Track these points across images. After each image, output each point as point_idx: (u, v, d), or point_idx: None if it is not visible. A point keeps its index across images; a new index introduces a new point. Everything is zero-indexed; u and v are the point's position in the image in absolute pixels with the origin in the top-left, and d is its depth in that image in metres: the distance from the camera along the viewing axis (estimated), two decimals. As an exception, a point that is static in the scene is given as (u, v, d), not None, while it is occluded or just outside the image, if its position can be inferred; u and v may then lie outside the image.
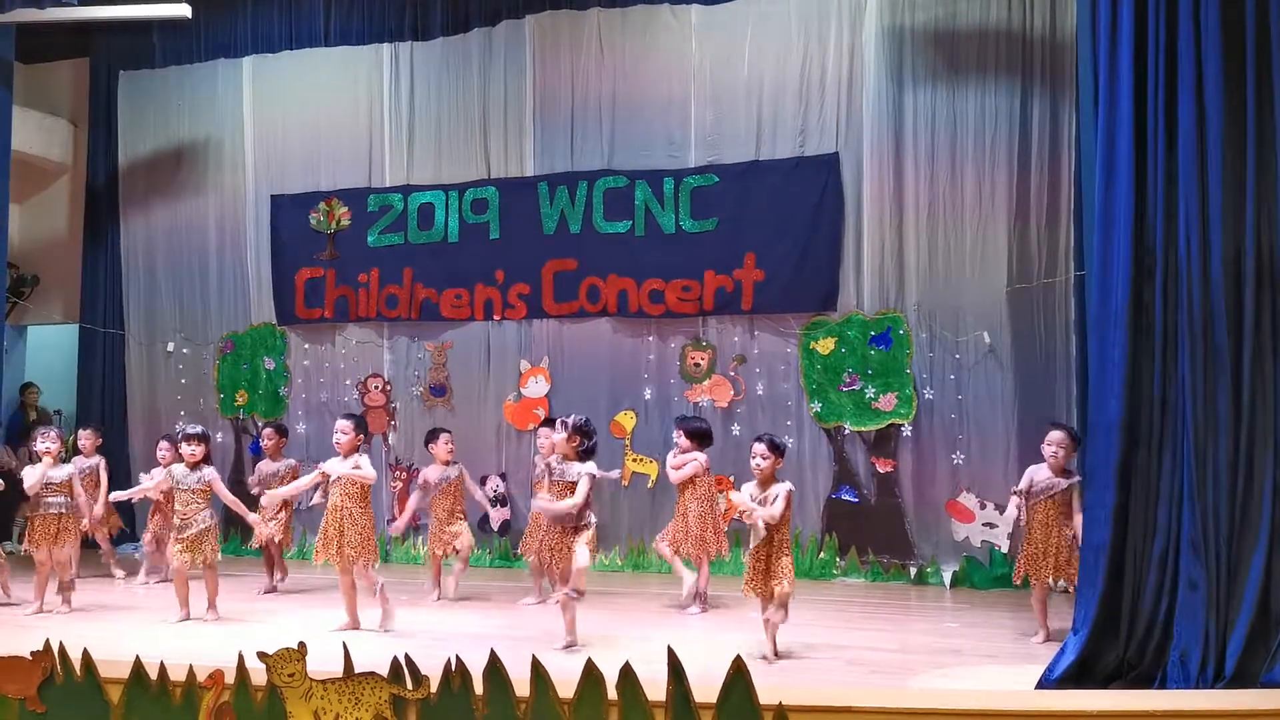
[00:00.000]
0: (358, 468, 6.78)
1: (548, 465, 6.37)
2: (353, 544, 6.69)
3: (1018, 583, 6.75)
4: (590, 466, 6.16)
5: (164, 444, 8.65)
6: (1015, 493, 6.54)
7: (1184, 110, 4.99)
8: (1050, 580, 6.36)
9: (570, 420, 6.26)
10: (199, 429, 7.50)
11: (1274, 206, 4.88)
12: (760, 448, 5.94)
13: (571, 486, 6.12)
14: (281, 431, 8.89)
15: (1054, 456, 6.37)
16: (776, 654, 5.76)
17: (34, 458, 7.77)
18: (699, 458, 7.42)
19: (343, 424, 6.91)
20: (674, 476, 7.49)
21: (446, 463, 7.97)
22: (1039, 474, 6.43)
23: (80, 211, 11.33)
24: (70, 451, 8.75)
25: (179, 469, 7.27)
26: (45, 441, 7.58)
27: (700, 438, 7.55)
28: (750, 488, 5.92)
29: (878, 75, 8.71)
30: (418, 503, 7.99)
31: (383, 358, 10.15)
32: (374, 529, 6.88)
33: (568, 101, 9.56)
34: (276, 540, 8.10)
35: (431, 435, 8.16)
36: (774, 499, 5.76)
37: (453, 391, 9.85)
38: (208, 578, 7.18)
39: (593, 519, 6.17)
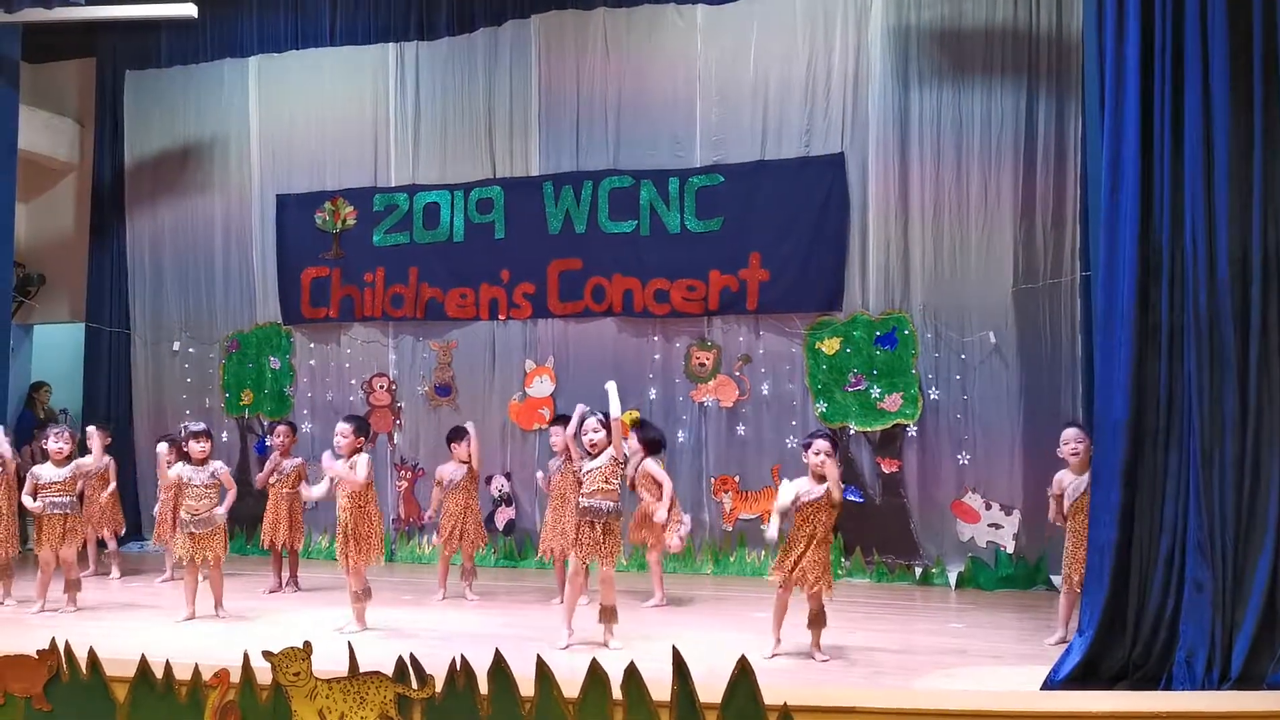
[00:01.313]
0: (353, 467, 6.77)
1: (575, 468, 6.35)
2: (352, 545, 6.69)
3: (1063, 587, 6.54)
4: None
5: (163, 445, 8.66)
6: (1053, 497, 6.40)
7: (1190, 110, 4.98)
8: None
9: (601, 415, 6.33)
10: (201, 425, 7.51)
11: (1280, 206, 4.88)
12: (824, 444, 5.92)
13: (607, 477, 6.19)
14: (294, 430, 8.87)
15: (1074, 455, 6.25)
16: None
17: (34, 456, 7.79)
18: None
19: (342, 427, 6.91)
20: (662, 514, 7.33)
21: (463, 461, 7.97)
22: (1066, 478, 6.32)
23: (86, 211, 11.36)
24: (78, 451, 8.76)
25: (186, 468, 7.28)
26: (59, 441, 7.60)
27: (649, 446, 7.47)
28: (803, 482, 5.96)
29: (883, 75, 8.70)
30: (437, 498, 8.01)
31: (388, 357, 10.15)
32: (376, 530, 6.84)
33: (573, 101, 9.56)
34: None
35: (456, 433, 8.08)
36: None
37: (458, 391, 9.86)
38: (213, 577, 7.20)
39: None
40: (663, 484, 7.24)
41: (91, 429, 8.88)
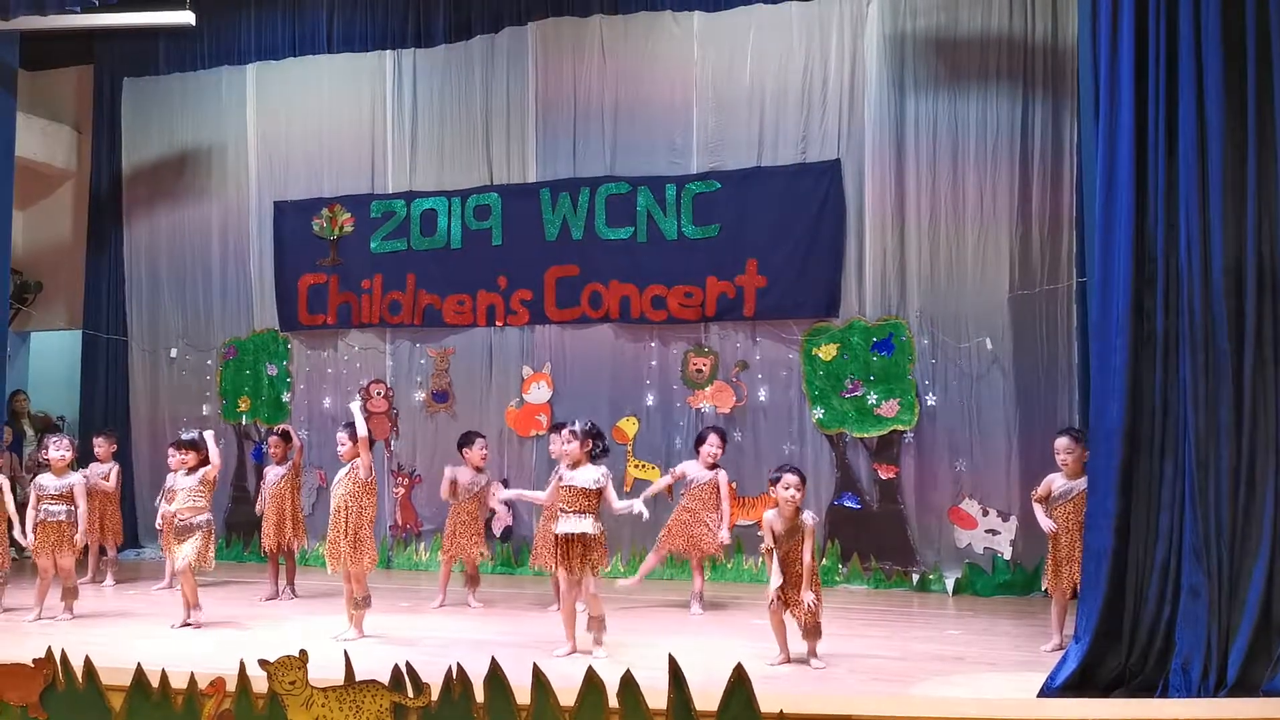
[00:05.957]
0: (355, 469, 6.77)
1: (558, 474, 6.34)
2: (348, 548, 6.67)
3: (1048, 589, 6.49)
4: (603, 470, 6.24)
5: (173, 450, 8.68)
6: (1036, 500, 6.46)
7: (1184, 117, 4.99)
8: (1074, 587, 6.04)
9: (578, 426, 6.26)
10: (189, 437, 7.50)
11: (1275, 213, 4.87)
12: (794, 479, 5.90)
13: (586, 493, 6.10)
14: (285, 437, 8.85)
15: (1064, 464, 6.32)
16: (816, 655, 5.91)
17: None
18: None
19: (341, 435, 6.90)
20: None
21: (478, 468, 7.98)
22: (1055, 481, 6.37)
23: (84, 218, 11.34)
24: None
25: (179, 473, 7.32)
26: (58, 450, 7.59)
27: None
28: (773, 515, 5.97)
29: (879, 82, 8.71)
30: (449, 478, 7.98)
31: (385, 364, 10.15)
32: (370, 533, 6.80)
33: (570, 108, 9.56)
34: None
35: (466, 439, 8.11)
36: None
37: (455, 397, 9.86)
38: (183, 580, 7.13)
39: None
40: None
41: (98, 438, 8.92)
